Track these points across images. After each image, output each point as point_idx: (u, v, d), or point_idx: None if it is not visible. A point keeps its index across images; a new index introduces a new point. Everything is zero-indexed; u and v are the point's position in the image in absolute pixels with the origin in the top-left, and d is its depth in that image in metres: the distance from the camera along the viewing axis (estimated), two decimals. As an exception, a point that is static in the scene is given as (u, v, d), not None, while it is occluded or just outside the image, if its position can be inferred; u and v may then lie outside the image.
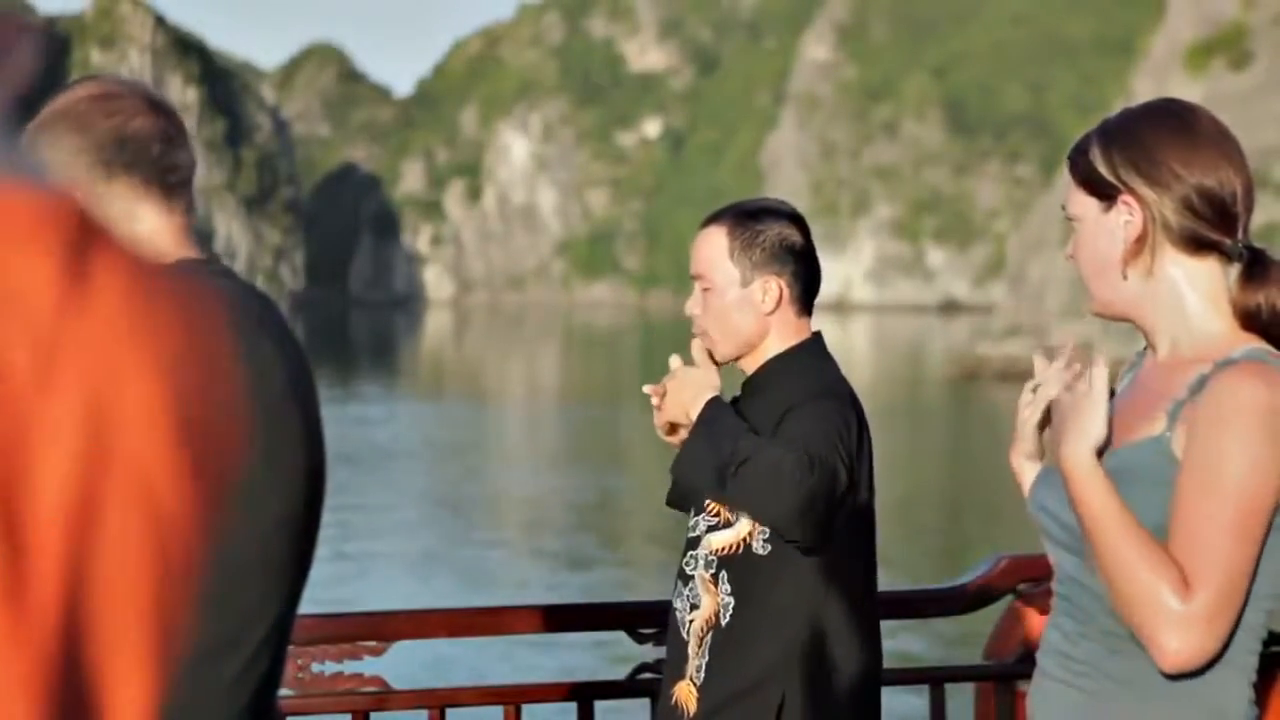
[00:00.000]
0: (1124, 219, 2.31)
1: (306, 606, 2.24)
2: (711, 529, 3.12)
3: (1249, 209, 2.32)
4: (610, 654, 4.76)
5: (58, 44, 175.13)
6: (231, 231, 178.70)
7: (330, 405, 49.89)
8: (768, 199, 3.34)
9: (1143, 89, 68.86)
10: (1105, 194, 2.32)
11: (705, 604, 3.10)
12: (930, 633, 13.13)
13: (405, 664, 3.77)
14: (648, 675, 3.52)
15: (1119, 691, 2.26)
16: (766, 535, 3.05)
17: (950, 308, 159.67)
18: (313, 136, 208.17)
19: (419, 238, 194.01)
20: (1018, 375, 59.60)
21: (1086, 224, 2.35)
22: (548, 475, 31.22)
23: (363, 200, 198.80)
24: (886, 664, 3.27)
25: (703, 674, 3.08)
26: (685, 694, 3.11)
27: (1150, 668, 2.23)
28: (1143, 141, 2.31)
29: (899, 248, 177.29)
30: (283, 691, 3.35)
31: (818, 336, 3.25)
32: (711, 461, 3.00)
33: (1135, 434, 2.28)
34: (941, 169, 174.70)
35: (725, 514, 3.09)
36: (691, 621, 3.12)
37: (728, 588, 3.07)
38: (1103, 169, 2.32)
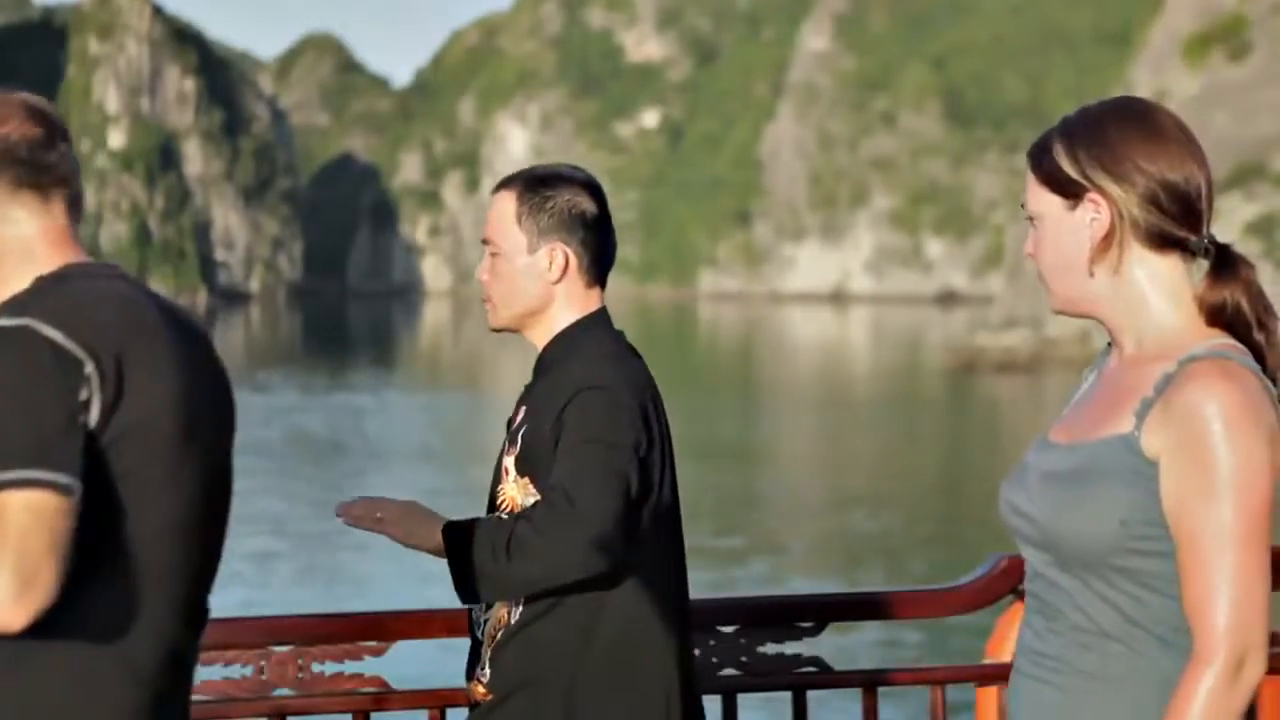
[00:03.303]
0: (1090, 217, 2.30)
1: (306, 606, 2.22)
2: None
3: (1210, 205, 2.31)
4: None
5: (55, 34, 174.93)
6: (229, 222, 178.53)
7: (327, 396, 49.87)
8: (565, 165, 3.20)
9: (1141, 80, 68.80)
10: (1071, 192, 2.32)
11: (498, 604, 3.03)
12: (931, 633, 13.13)
13: (405, 664, 3.77)
14: (648, 675, 3.51)
15: (1091, 687, 2.27)
16: None
17: (948, 299, 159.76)
18: (311, 127, 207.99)
19: (417, 228, 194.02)
20: (1016, 366, 59.63)
21: (1049, 222, 2.34)
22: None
23: (361, 190, 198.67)
24: (887, 664, 3.25)
25: (488, 670, 3.02)
26: (478, 692, 3.06)
27: (1121, 662, 2.26)
28: (1108, 139, 2.30)
29: (897, 239, 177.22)
30: (283, 691, 3.35)
31: (604, 310, 3.11)
32: (486, 569, 2.91)
33: (1101, 431, 2.28)
34: (940, 160, 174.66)
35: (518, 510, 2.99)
36: (486, 622, 3.06)
37: None
38: (1068, 167, 2.31)
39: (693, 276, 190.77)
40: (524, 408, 3.06)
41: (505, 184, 3.15)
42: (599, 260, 3.10)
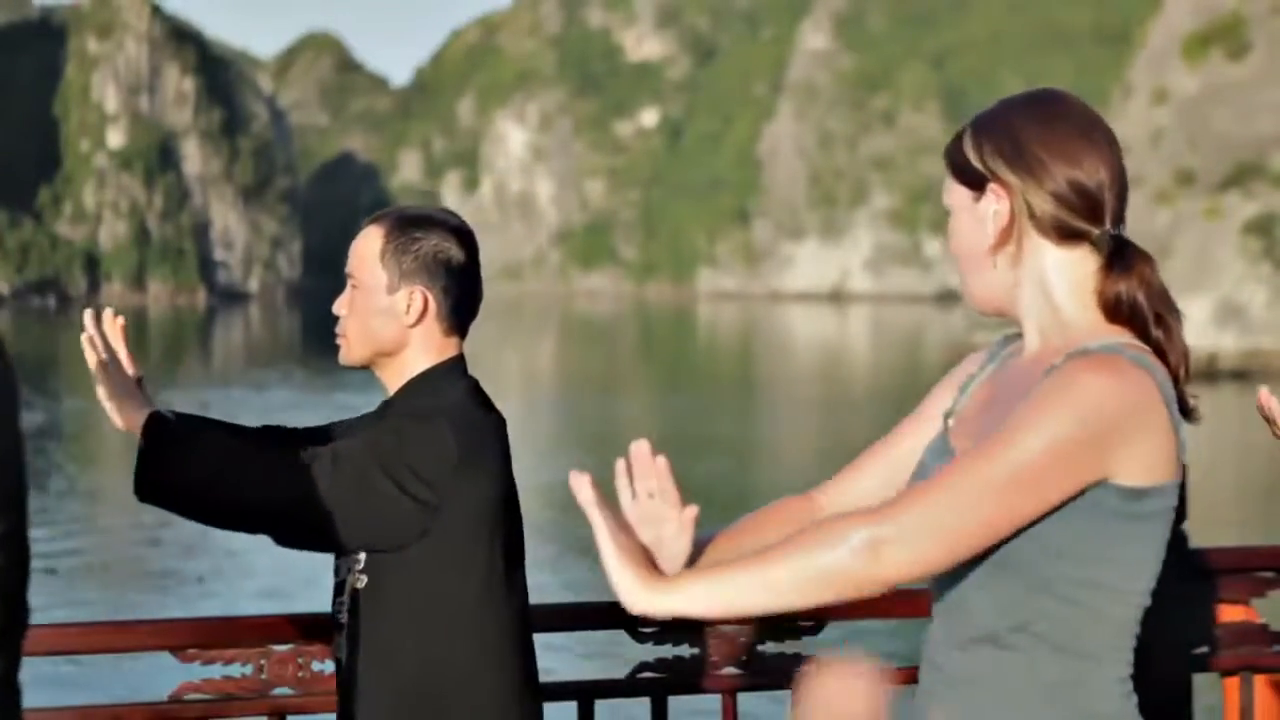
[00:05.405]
0: (993, 208, 2.27)
1: (303, 605, 2.13)
2: (351, 570, 2.94)
3: (1121, 197, 2.24)
4: (610, 653, 4.73)
5: (54, 34, 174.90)
6: (228, 221, 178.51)
7: (326, 395, 49.87)
8: (439, 209, 3.14)
9: (1140, 79, 68.80)
10: (975, 183, 2.29)
11: (347, 651, 2.98)
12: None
13: (405, 663, 3.74)
14: (648, 675, 3.51)
15: (986, 700, 2.18)
16: (361, 564, 2.91)
17: (947, 297, 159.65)
18: (310, 126, 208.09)
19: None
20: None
21: (959, 214, 2.33)
22: (544, 468, 31.22)
23: (360, 190, 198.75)
24: (888, 663, 3.22)
25: None
26: None
27: (1016, 673, 2.17)
28: (1011, 128, 2.27)
29: (896, 238, 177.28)
30: (283, 690, 3.35)
31: (460, 359, 3.06)
32: (192, 470, 2.85)
33: (989, 432, 2.17)
34: (939, 159, 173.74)
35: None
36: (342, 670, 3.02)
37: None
38: (972, 157, 2.30)
39: (692, 276, 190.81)
40: None
41: (376, 219, 3.08)
42: (461, 308, 3.04)
